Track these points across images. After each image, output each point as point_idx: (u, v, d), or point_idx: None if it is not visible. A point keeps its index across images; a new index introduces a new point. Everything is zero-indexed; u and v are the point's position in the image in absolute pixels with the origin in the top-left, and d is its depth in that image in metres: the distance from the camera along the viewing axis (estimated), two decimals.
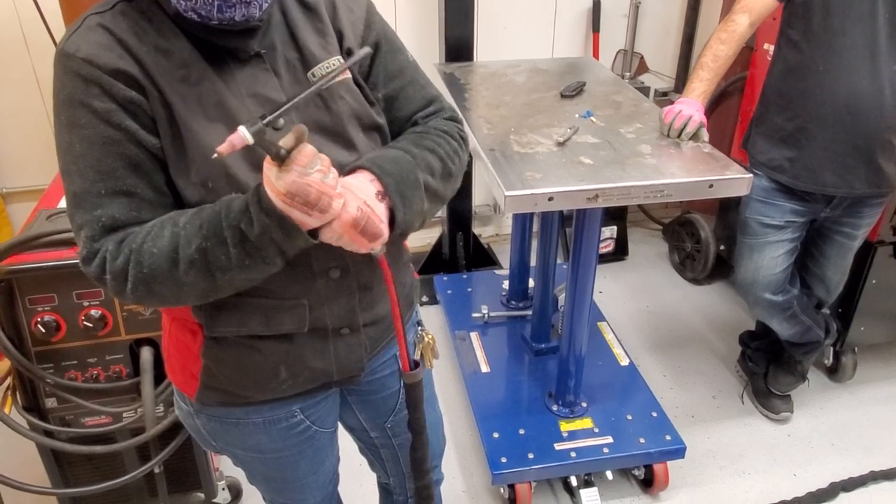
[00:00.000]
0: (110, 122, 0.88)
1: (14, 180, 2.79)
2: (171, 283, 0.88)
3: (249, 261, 0.87)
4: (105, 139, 0.88)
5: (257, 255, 0.87)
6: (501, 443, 2.06)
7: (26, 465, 1.89)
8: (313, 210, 0.83)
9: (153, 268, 0.87)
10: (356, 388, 1.26)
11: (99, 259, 0.90)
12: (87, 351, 1.63)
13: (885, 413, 2.48)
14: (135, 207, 0.91)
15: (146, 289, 0.89)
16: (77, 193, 0.90)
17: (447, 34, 2.72)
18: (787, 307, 2.17)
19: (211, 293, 0.92)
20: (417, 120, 1.11)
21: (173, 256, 0.87)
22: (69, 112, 0.89)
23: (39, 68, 2.61)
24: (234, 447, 1.20)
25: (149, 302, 0.94)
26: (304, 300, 1.03)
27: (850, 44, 1.79)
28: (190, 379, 1.10)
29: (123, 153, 0.89)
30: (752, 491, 2.17)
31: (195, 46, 0.92)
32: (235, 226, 0.85)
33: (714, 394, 2.56)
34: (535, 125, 1.93)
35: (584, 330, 2.05)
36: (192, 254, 0.87)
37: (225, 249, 0.86)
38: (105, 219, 0.90)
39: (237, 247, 0.86)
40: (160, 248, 0.87)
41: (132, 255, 0.88)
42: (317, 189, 0.81)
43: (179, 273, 0.88)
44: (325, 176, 0.83)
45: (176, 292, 0.90)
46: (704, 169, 1.68)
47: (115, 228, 0.90)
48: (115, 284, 0.90)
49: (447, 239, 3.13)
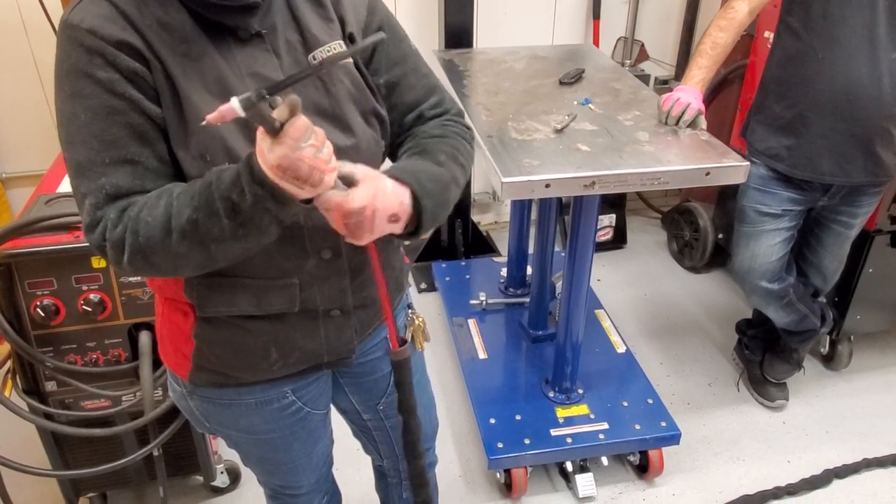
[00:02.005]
0: (114, 91, 0.88)
1: (13, 165, 2.79)
2: (166, 253, 0.88)
3: (243, 231, 0.86)
4: (109, 109, 0.88)
5: (251, 224, 0.85)
6: (498, 428, 2.08)
7: (26, 448, 1.91)
8: (304, 184, 0.82)
9: (148, 237, 0.87)
10: (348, 371, 1.27)
11: (101, 227, 0.90)
12: (86, 335, 1.64)
13: (879, 401, 2.49)
14: (139, 176, 0.90)
15: (143, 258, 0.88)
16: (81, 163, 0.89)
17: (447, 20, 2.71)
18: (784, 295, 2.18)
19: (207, 263, 0.91)
20: (424, 113, 1.12)
21: (167, 226, 0.86)
22: (73, 82, 0.88)
23: (38, 53, 2.60)
24: (227, 428, 1.21)
25: (146, 272, 0.92)
26: (295, 279, 1.04)
27: (849, 32, 1.78)
28: (182, 360, 1.11)
29: (128, 122, 0.89)
30: (746, 477, 2.19)
31: (196, 23, 0.93)
32: (227, 197, 0.84)
33: (710, 381, 2.58)
34: (534, 112, 1.93)
35: (582, 317, 2.06)
36: (184, 225, 0.86)
37: (217, 221, 0.85)
38: (109, 187, 0.89)
39: (230, 217, 0.84)
40: (155, 218, 0.87)
41: (130, 223, 0.88)
42: (308, 164, 0.80)
43: (173, 243, 0.87)
44: (318, 150, 0.81)
45: (171, 262, 0.90)
46: (701, 157, 1.69)
47: (118, 197, 0.90)
48: (113, 254, 0.90)
49: (446, 226, 3.13)
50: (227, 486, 2.08)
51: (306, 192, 0.83)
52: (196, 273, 0.95)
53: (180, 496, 2.07)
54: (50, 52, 0.91)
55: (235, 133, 0.93)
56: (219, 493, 2.09)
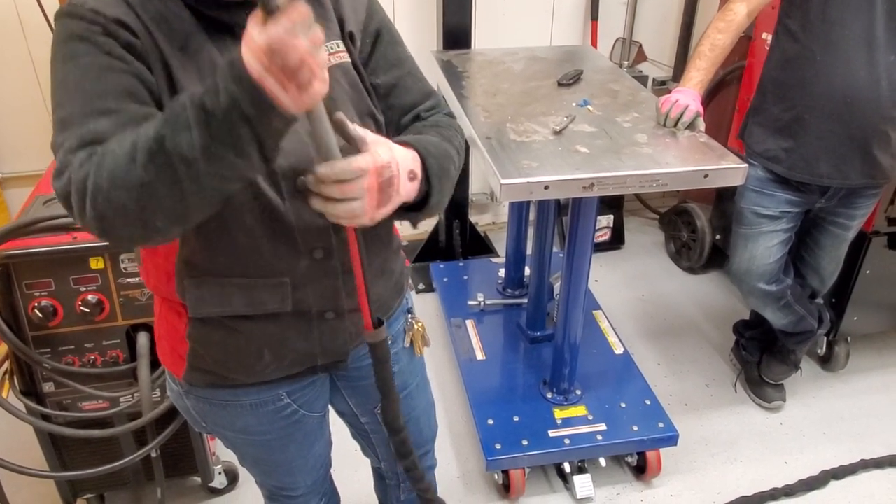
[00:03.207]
0: (111, 53, 0.86)
1: (11, 165, 2.78)
2: (130, 185, 0.76)
3: (216, 147, 0.74)
4: (102, 66, 0.85)
5: (226, 138, 0.74)
6: (496, 429, 2.08)
7: (24, 449, 1.90)
8: (291, 81, 0.72)
9: (111, 169, 0.77)
10: (345, 374, 1.26)
11: (69, 171, 0.81)
12: (84, 336, 1.64)
13: (876, 402, 2.50)
14: (120, 125, 0.83)
15: (104, 199, 0.77)
16: (64, 118, 0.84)
17: (445, 21, 2.71)
18: (781, 297, 2.18)
19: (180, 203, 0.78)
20: (420, 114, 1.12)
21: (132, 153, 0.76)
22: (68, 47, 0.86)
23: (36, 53, 2.59)
24: (223, 428, 1.21)
25: (111, 221, 0.79)
26: (286, 278, 1.03)
27: (847, 34, 1.79)
28: (178, 360, 1.11)
29: (119, 81, 0.86)
30: (743, 478, 2.19)
31: (195, 18, 0.93)
32: (199, 103, 0.74)
33: (707, 382, 2.58)
34: (532, 113, 1.93)
35: (580, 318, 2.06)
36: (150, 143, 0.75)
37: (187, 134, 0.74)
38: (86, 133, 0.83)
39: (201, 127, 0.73)
40: (121, 146, 0.78)
41: (96, 159, 0.79)
42: (300, 55, 0.71)
43: (138, 170, 0.75)
44: (314, 48, 0.73)
45: (137, 200, 0.77)
46: (700, 158, 1.69)
47: (93, 142, 0.82)
48: (77, 199, 0.80)
49: (444, 227, 3.14)
50: (224, 487, 2.08)
51: (290, 95, 0.73)
52: (168, 223, 0.81)
53: (178, 497, 2.07)
54: (47, 52, 0.90)
55: None
56: (217, 494, 2.08)
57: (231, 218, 0.95)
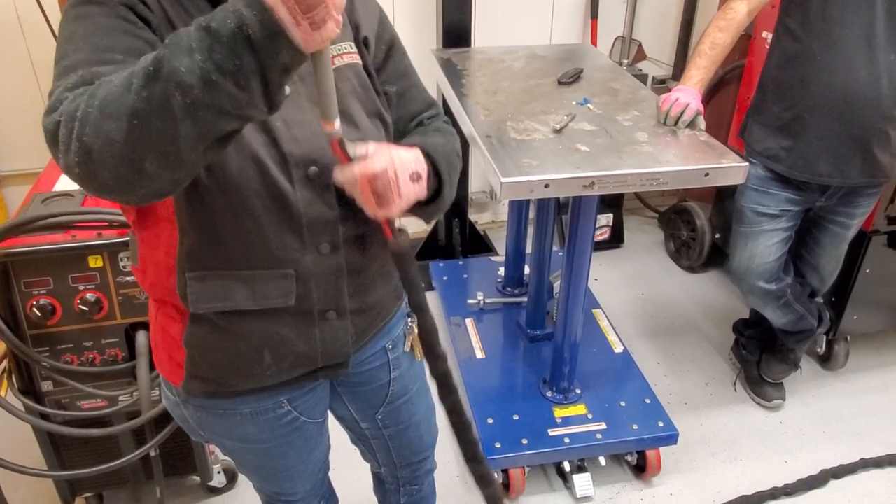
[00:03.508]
0: (125, 18, 0.85)
1: (9, 163, 2.77)
2: (121, 114, 0.70)
3: (217, 74, 0.68)
4: (114, 27, 0.84)
5: (228, 63, 0.68)
6: (495, 428, 2.08)
7: (22, 448, 1.90)
8: (305, 15, 0.69)
9: (104, 96, 0.71)
10: (345, 380, 1.25)
11: (61, 106, 0.75)
12: (82, 334, 1.63)
13: (876, 401, 2.50)
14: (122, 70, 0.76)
15: (93, 131, 0.71)
16: (67, 66, 0.81)
17: (445, 19, 2.70)
18: (781, 296, 2.18)
19: (171, 139, 0.71)
20: (423, 120, 1.17)
21: (128, 80, 0.71)
22: (80, 8, 0.85)
23: (35, 51, 2.58)
24: (221, 437, 1.19)
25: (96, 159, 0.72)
26: (291, 270, 1.02)
27: (847, 33, 1.78)
28: (176, 368, 1.09)
29: (130, 43, 0.84)
30: (743, 477, 2.19)
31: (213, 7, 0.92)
32: (203, 26, 0.69)
33: (707, 381, 2.58)
34: (532, 112, 1.93)
35: (579, 317, 2.06)
36: (148, 66, 0.70)
37: (187, 57, 0.68)
38: (86, 74, 0.78)
39: (203, 52, 0.68)
40: (119, 77, 0.73)
41: (90, 89, 0.74)
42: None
43: (131, 95, 0.70)
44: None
45: (128, 133, 0.70)
46: (701, 157, 1.69)
47: (93, 83, 0.76)
48: (65, 132, 0.73)
49: (443, 225, 3.13)
50: (224, 486, 2.08)
51: (301, 30, 0.69)
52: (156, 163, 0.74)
53: (177, 496, 2.07)
54: (46, 50, 0.90)
55: None
56: (216, 493, 2.08)
57: (239, 203, 0.94)
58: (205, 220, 0.95)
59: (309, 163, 0.97)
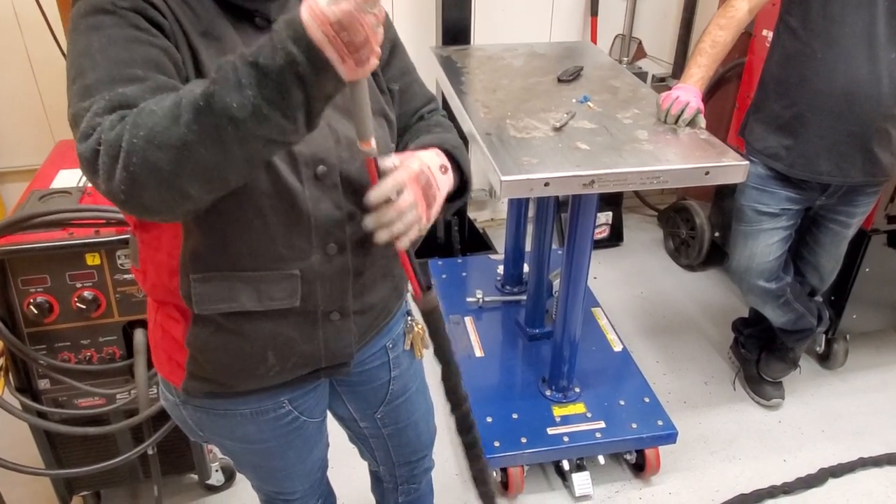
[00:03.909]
0: (137, 26, 0.84)
1: (6, 160, 2.76)
2: (171, 145, 0.74)
3: (267, 108, 0.72)
4: (129, 37, 0.84)
5: (277, 97, 0.72)
6: (494, 427, 2.07)
7: (19, 447, 1.89)
8: (352, 55, 0.73)
9: (150, 127, 0.74)
10: (346, 379, 1.25)
11: (97, 133, 0.77)
12: (80, 332, 1.62)
13: (875, 400, 2.50)
14: (149, 92, 0.81)
15: (141, 160, 0.74)
16: (89, 85, 0.81)
17: (444, 16, 2.69)
18: (781, 295, 2.18)
19: (218, 167, 0.76)
20: (423, 115, 1.20)
21: (175, 111, 0.74)
22: (91, 19, 0.84)
23: (32, 48, 2.57)
24: (221, 437, 1.19)
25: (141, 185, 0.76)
26: (297, 270, 1.01)
27: (848, 32, 1.78)
28: (176, 369, 1.08)
29: (146, 53, 0.84)
30: (742, 476, 2.19)
31: (218, 5, 0.94)
32: (252, 62, 0.72)
33: (706, 380, 2.58)
34: (532, 110, 1.92)
35: (579, 315, 2.05)
36: (197, 100, 0.73)
37: (237, 93, 0.72)
38: (114, 96, 0.80)
39: (253, 87, 0.72)
40: (161, 107, 0.75)
41: (131, 118, 0.76)
42: (367, 32, 0.72)
43: (181, 128, 0.73)
44: (377, 25, 0.74)
45: (175, 159, 0.74)
46: (701, 156, 1.68)
47: (122, 106, 0.79)
48: (106, 160, 0.76)
49: (442, 223, 3.12)
50: (221, 485, 2.07)
51: (346, 67, 0.73)
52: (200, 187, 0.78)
53: (175, 494, 2.06)
54: (44, 47, 0.90)
55: None
56: (214, 492, 2.08)
57: (247, 201, 0.94)
58: (211, 221, 0.94)
59: (317, 162, 0.97)
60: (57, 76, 2.38)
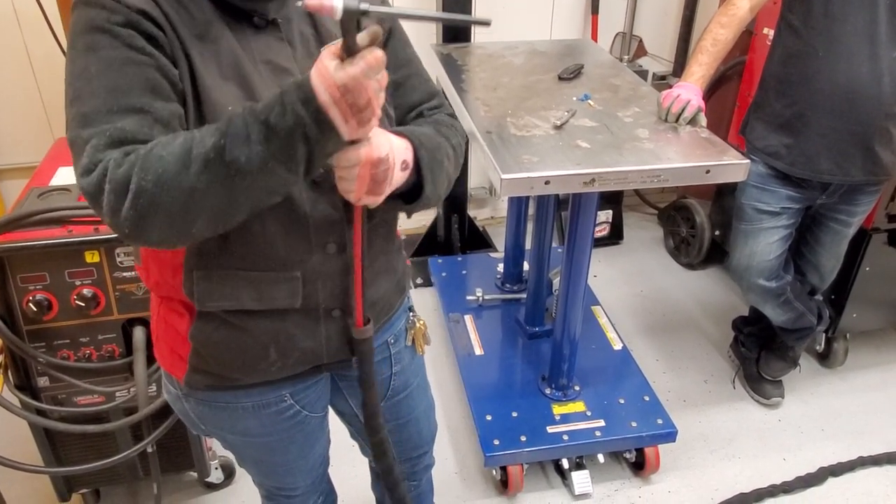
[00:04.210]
0: (132, 45, 0.84)
1: (5, 157, 2.76)
2: (180, 190, 0.79)
3: (273, 163, 0.79)
4: (124, 60, 0.84)
5: (283, 154, 0.79)
6: (494, 425, 2.07)
7: (19, 444, 1.89)
8: (355, 117, 0.79)
9: (160, 172, 0.78)
10: (347, 374, 1.25)
11: (101, 168, 0.80)
12: (79, 330, 1.62)
13: (875, 399, 2.50)
14: (147, 125, 0.84)
15: (149, 202, 0.79)
16: (87, 113, 0.83)
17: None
18: (781, 293, 2.18)
19: (222, 212, 0.83)
20: (423, 112, 1.14)
21: (184, 159, 0.78)
22: (87, 37, 0.84)
23: (31, 45, 2.57)
24: (222, 431, 1.19)
25: (150, 221, 0.81)
26: (298, 273, 1.02)
27: (850, 30, 1.77)
28: (178, 362, 1.09)
29: (143, 75, 0.85)
30: (742, 475, 2.19)
31: (215, 6, 0.93)
32: (263, 120, 0.78)
33: (706, 378, 2.58)
34: (533, 108, 1.92)
35: (579, 314, 2.05)
36: (208, 152, 0.78)
37: (246, 148, 0.78)
38: (114, 131, 0.82)
39: (262, 143, 0.78)
40: (170, 152, 0.79)
41: (138, 161, 0.79)
42: (369, 96, 0.78)
43: (191, 176, 0.78)
44: (380, 91, 0.80)
45: (184, 204, 0.80)
46: (702, 154, 1.68)
47: (123, 142, 0.82)
48: (112, 199, 0.80)
49: (442, 221, 3.12)
50: (221, 482, 2.07)
51: (349, 127, 0.80)
52: (205, 227, 0.84)
53: (174, 492, 2.06)
54: (43, 44, 0.89)
55: None
56: (213, 489, 2.08)
57: None
58: None
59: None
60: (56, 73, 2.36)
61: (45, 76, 2.63)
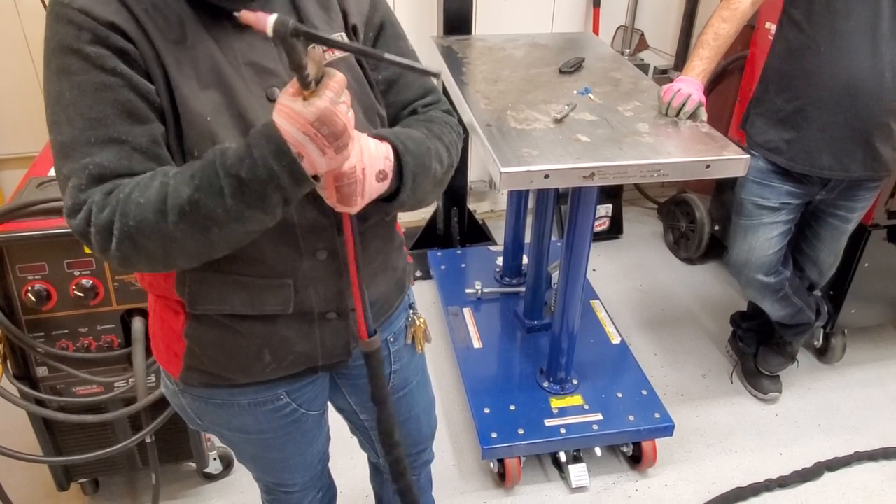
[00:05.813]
0: (104, 67, 0.83)
1: (4, 147, 2.75)
2: (159, 237, 0.81)
3: (249, 212, 0.80)
4: (97, 85, 0.83)
5: (258, 205, 0.80)
6: (492, 418, 2.08)
7: (17, 434, 1.90)
8: (332, 146, 0.79)
9: (139, 220, 0.80)
10: (345, 372, 1.24)
11: (85, 211, 0.83)
12: (78, 320, 1.62)
13: (872, 395, 2.50)
14: (125, 156, 0.84)
15: (132, 244, 0.82)
16: (65, 143, 0.84)
17: (445, 6, 2.68)
18: (780, 289, 2.18)
19: (203, 250, 0.85)
20: (417, 108, 1.10)
21: (161, 208, 0.80)
22: (60, 59, 0.83)
23: (30, 33, 2.56)
24: (219, 427, 1.18)
25: (135, 260, 0.85)
26: (289, 280, 1.01)
27: (852, 25, 1.77)
28: (174, 359, 1.08)
29: (116, 99, 0.84)
30: (738, 469, 2.19)
31: (192, 7, 0.89)
32: (234, 174, 0.78)
33: (704, 373, 2.58)
34: (533, 101, 1.91)
35: (578, 308, 2.05)
36: (183, 205, 0.79)
37: (221, 201, 0.79)
38: (93, 167, 0.83)
39: (235, 197, 0.79)
40: (147, 199, 0.80)
41: (119, 206, 0.81)
42: (342, 120, 0.78)
43: (168, 226, 0.80)
44: (348, 109, 0.80)
45: (163, 248, 0.83)
46: (702, 149, 1.67)
47: (103, 178, 0.84)
48: (99, 239, 0.83)
49: (442, 214, 3.12)
50: (219, 473, 2.08)
51: (327, 157, 0.80)
52: (188, 263, 0.88)
53: (173, 482, 2.07)
54: (42, 33, 0.88)
55: (228, 127, 0.89)
56: (211, 480, 2.08)
57: None
58: None
59: None
60: None
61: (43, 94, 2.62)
